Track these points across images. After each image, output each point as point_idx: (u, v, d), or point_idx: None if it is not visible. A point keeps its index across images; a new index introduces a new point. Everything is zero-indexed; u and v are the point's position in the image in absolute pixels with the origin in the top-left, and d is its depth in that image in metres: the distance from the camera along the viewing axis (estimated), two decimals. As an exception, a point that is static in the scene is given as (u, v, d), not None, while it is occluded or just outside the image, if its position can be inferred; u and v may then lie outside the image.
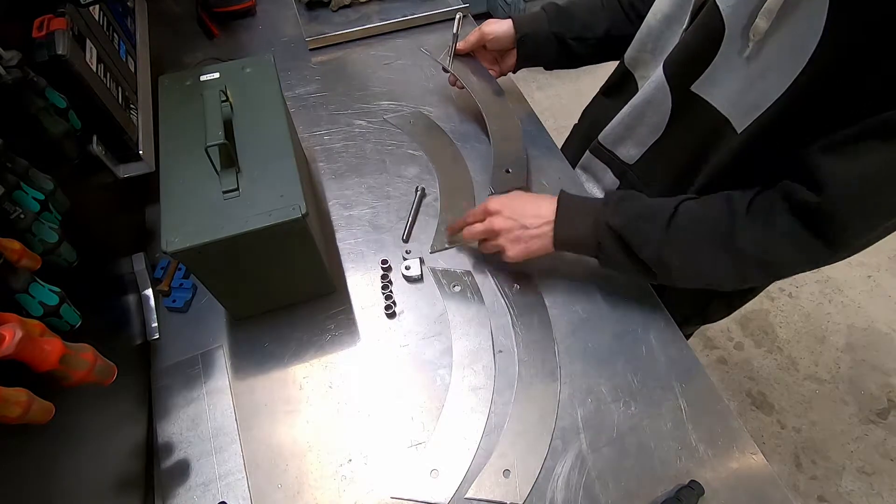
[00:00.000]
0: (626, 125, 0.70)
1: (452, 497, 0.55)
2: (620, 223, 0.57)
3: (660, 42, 0.65)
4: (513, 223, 0.61)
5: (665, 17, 0.63)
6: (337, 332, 0.66)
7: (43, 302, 0.41)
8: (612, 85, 0.78)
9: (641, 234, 0.56)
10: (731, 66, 0.53)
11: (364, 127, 0.88)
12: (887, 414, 1.50)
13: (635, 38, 0.69)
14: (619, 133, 0.72)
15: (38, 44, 0.53)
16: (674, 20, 0.62)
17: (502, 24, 0.77)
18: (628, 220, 0.57)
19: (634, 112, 0.68)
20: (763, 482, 0.56)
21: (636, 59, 0.70)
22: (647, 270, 0.58)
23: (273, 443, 0.59)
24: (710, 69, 0.55)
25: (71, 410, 0.45)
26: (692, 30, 0.57)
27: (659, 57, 0.65)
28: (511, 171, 0.75)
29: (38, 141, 0.51)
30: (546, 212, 0.61)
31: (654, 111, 0.64)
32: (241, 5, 1.06)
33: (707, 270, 0.56)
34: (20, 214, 0.42)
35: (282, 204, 0.51)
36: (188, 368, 0.64)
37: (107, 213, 0.68)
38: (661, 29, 0.64)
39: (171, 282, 0.69)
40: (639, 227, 0.56)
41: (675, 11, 0.61)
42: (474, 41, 0.78)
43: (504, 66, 0.81)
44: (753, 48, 0.50)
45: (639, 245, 0.56)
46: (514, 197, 0.65)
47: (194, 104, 0.58)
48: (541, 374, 0.62)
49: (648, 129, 0.67)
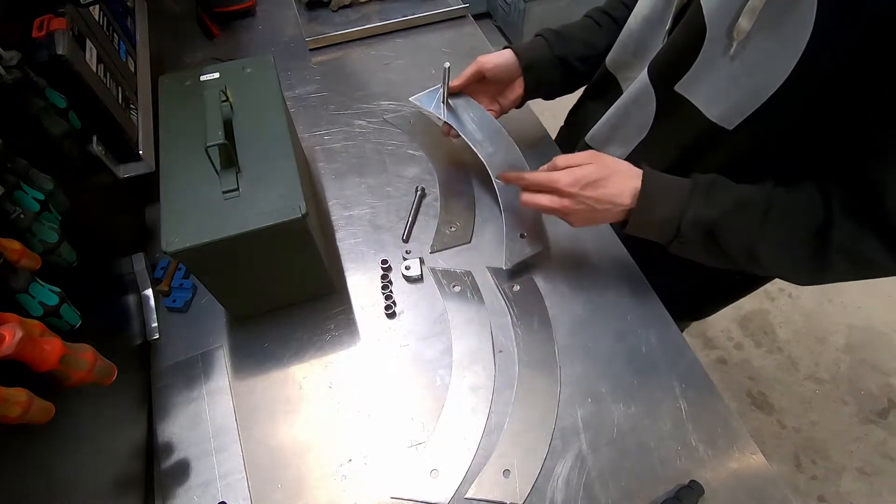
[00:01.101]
0: (612, 125, 0.69)
1: (452, 497, 0.55)
2: (713, 215, 0.53)
3: (641, 44, 0.65)
4: (583, 207, 0.57)
5: (644, 20, 0.63)
6: (337, 332, 0.66)
7: (43, 302, 0.41)
8: (595, 87, 0.78)
9: (734, 227, 0.53)
10: (714, 66, 0.53)
11: (364, 127, 0.88)
12: (887, 414, 1.50)
13: (616, 41, 0.68)
14: (604, 133, 0.72)
15: (38, 44, 0.53)
16: (655, 21, 0.61)
17: (501, 54, 0.72)
18: (721, 211, 0.53)
19: (619, 112, 0.67)
20: (763, 482, 0.56)
21: (618, 61, 0.70)
22: (725, 259, 0.56)
23: (273, 443, 0.59)
24: (693, 69, 0.55)
25: (71, 410, 0.45)
26: (676, 31, 0.57)
27: (641, 58, 0.65)
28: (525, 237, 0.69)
29: (38, 141, 0.51)
30: (626, 198, 0.56)
31: (638, 111, 0.64)
32: (241, 5, 1.06)
33: (797, 264, 0.54)
34: (20, 214, 0.42)
35: (282, 204, 0.51)
36: (188, 368, 0.64)
37: (107, 213, 0.68)
38: (641, 31, 0.64)
39: (171, 282, 0.69)
40: (732, 219, 0.53)
41: (655, 13, 0.61)
42: (470, 75, 0.71)
43: (506, 102, 0.75)
44: (737, 47, 0.49)
45: (730, 238, 0.53)
46: (590, 173, 0.57)
47: (194, 104, 0.58)
48: (541, 375, 0.62)
49: (633, 129, 0.66)
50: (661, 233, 0.56)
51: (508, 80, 0.74)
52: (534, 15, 2.26)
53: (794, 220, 0.52)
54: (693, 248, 0.56)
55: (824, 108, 0.48)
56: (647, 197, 0.55)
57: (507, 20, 2.44)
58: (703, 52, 0.53)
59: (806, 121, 0.50)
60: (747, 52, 0.49)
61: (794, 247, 0.52)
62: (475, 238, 0.74)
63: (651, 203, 0.55)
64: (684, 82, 0.57)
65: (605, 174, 0.56)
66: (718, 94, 0.54)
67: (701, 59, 0.54)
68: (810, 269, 0.53)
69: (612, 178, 0.57)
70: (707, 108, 0.55)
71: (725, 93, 0.53)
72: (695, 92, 0.56)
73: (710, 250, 0.56)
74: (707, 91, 0.55)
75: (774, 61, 0.47)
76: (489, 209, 0.77)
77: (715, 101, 0.54)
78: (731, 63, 0.51)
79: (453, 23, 1.07)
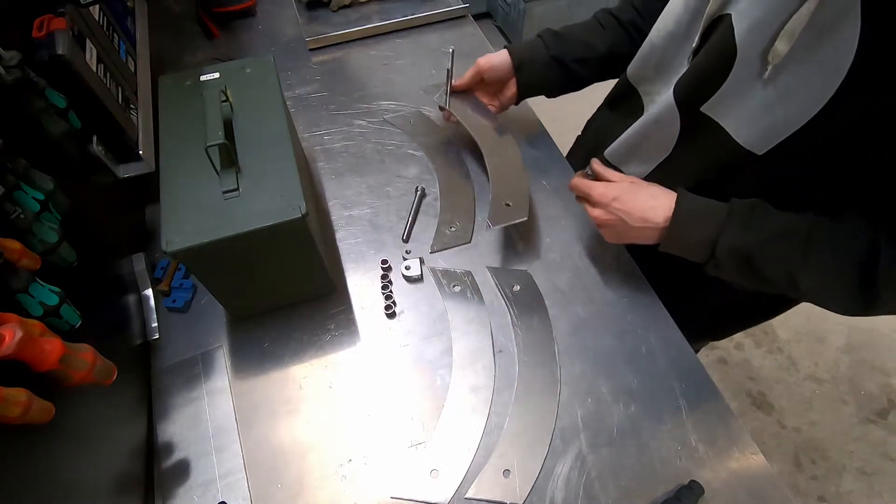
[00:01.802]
0: (633, 143, 0.67)
1: (452, 497, 0.55)
2: (751, 242, 0.51)
3: (664, 60, 0.62)
4: (615, 220, 0.58)
5: (669, 35, 0.60)
6: (337, 332, 0.66)
7: (43, 302, 0.41)
8: (616, 98, 0.76)
9: (773, 255, 0.51)
10: (745, 90, 0.50)
11: (364, 127, 0.88)
12: (887, 414, 1.50)
13: (637, 54, 0.66)
14: (625, 150, 0.69)
15: (38, 44, 0.53)
16: (680, 38, 0.59)
17: (498, 54, 0.75)
18: (759, 239, 0.51)
19: (641, 131, 0.65)
20: (763, 482, 0.56)
21: (639, 75, 0.68)
22: (763, 284, 0.54)
23: (273, 443, 0.59)
24: (721, 92, 0.53)
25: (71, 410, 0.45)
26: (703, 52, 0.54)
27: (664, 74, 0.63)
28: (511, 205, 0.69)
29: (38, 141, 0.51)
30: (659, 217, 0.56)
31: (661, 131, 0.62)
32: (241, 5, 1.06)
33: (841, 297, 0.51)
34: (20, 214, 0.42)
35: (282, 204, 0.51)
36: (188, 368, 0.64)
37: (107, 213, 0.68)
38: (665, 46, 0.61)
39: (171, 282, 0.69)
40: (772, 248, 0.51)
41: (679, 29, 0.58)
42: (471, 76, 0.76)
43: (504, 99, 0.78)
44: (772, 72, 0.47)
45: (769, 265, 0.52)
46: (624, 187, 0.59)
47: (194, 104, 0.58)
48: (541, 374, 0.62)
49: (655, 148, 0.64)
50: (695, 254, 0.56)
51: (504, 80, 0.77)
52: (534, 15, 2.26)
53: (838, 251, 0.50)
54: (729, 272, 0.55)
55: (863, 136, 0.45)
56: (681, 219, 0.55)
57: (507, 20, 2.44)
58: (734, 75, 0.51)
59: (843, 149, 0.47)
60: (782, 78, 0.47)
61: (838, 279, 0.50)
62: (475, 238, 0.74)
63: (685, 224, 0.55)
64: (712, 103, 0.54)
65: (638, 191, 0.58)
66: (749, 118, 0.51)
67: (731, 81, 0.51)
68: (855, 301, 0.50)
69: (644, 193, 0.58)
70: (737, 131, 0.53)
71: (756, 118, 0.51)
72: (723, 114, 0.54)
73: (746, 275, 0.54)
74: (737, 114, 0.53)
75: (812, 88, 0.45)
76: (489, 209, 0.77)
77: (745, 125, 0.52)
78: (765, 88, 0.49)
79: (453, 23, 1.07)
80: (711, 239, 0.53)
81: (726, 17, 0.50)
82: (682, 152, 0.61)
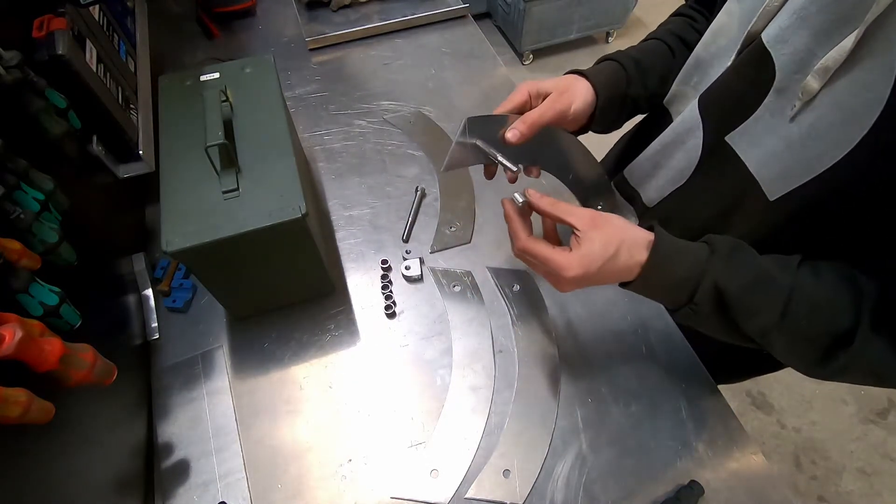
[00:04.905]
0: (654, 163, 0.64)
1: (452, 497, 0.55)
2: (732, 287, 0.46)
3: (706, 76, 0.57)
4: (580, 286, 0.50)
5: (719, 49, 0.55)
6: (337, 332, 0.66)
7: (43, 302, 0.41)
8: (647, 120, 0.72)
9: (753, 307, 0.46)
10: (773, 124, 0.47)
11: (364, 127, 0.88)
12: (887, 414, 1.50)
13: (681, 71, 0.60)
14: (645, 170, 0.66)
15: (38, 44, 0.53)
16: (724, 53, 0.54)
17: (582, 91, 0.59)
18: (741, 287, 0.45)
19: (663, 150, 0.62)
20: (763, 482, 0.56)
21: (674, 92, 0.63)
22: (738, 336, 0.49)
23: (273, 443, 0.59)
24: (750, 122, 0.50)
25: (71, 410, 0.45)
26: (736, 70, 0.50)
27: (696, 90, 0.58)
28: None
29: (38, 141, 0.51)
30: (629, 273, 0.49)
31: (682, 153, 0.59)
32: (241, 5, 1.06)
33: (809, 362, 0.47)
34: (20, 214, 0.42)
35: (282, 204, 0.51)
36: (188, 368, 0.64)
37: (107, 213, 0.68)
38: (709, 61, 0.56)
39: (171, 282, 0.69)
40: (752, 298, 0.46)
41: (728, 44, 0.53)
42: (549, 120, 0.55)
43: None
44: (800, 108, 0.44)
45: (746, 318, 0.46)
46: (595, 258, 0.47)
47: (194, 104, 0.58)
48: (541, 375, 0.62)
49: (673, 170, 0.61)
50: (673, 296, 0.49)
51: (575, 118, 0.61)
52: (534, 15, 2.26)
53: (818, 315, 0.45)
54: (705, 316, 0.48)
55: (880, 192, 0.41)
56: (661, 257, 0.48)
57: (507, 20, 2.44)
58: (765, 106, 0.48)
59: (856, 203, 0.44)
60: (807, 118, 0.44)
61: (810, 346, 0.46)
62: (475, 238, 0.74)
63: (666, 263, 0.48)
64: (739, 133, 0.51)
65: (612, 252, 0.47)
66: (769, 156, 0.49)
67: (760, 113, 0.48)
68: (822, 370, 0.47)
69: (619, 255, 0.48)
70: (757, 169, 0.50)
71: (775, 157, 0.48)
72: (746, 147, 0.51)
73: (725, 324, 0.48)
74: (760, 151, 0.49)
75: (835, 134, 0.42)
76: (489, 209, 0.77)
77: (766, 163, 0.49)
78: (789, 124, 0.45)
79: (453, 23, 1.07)
80: (695, 277, 0.47)
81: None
82: (699, 182, 0.59)
